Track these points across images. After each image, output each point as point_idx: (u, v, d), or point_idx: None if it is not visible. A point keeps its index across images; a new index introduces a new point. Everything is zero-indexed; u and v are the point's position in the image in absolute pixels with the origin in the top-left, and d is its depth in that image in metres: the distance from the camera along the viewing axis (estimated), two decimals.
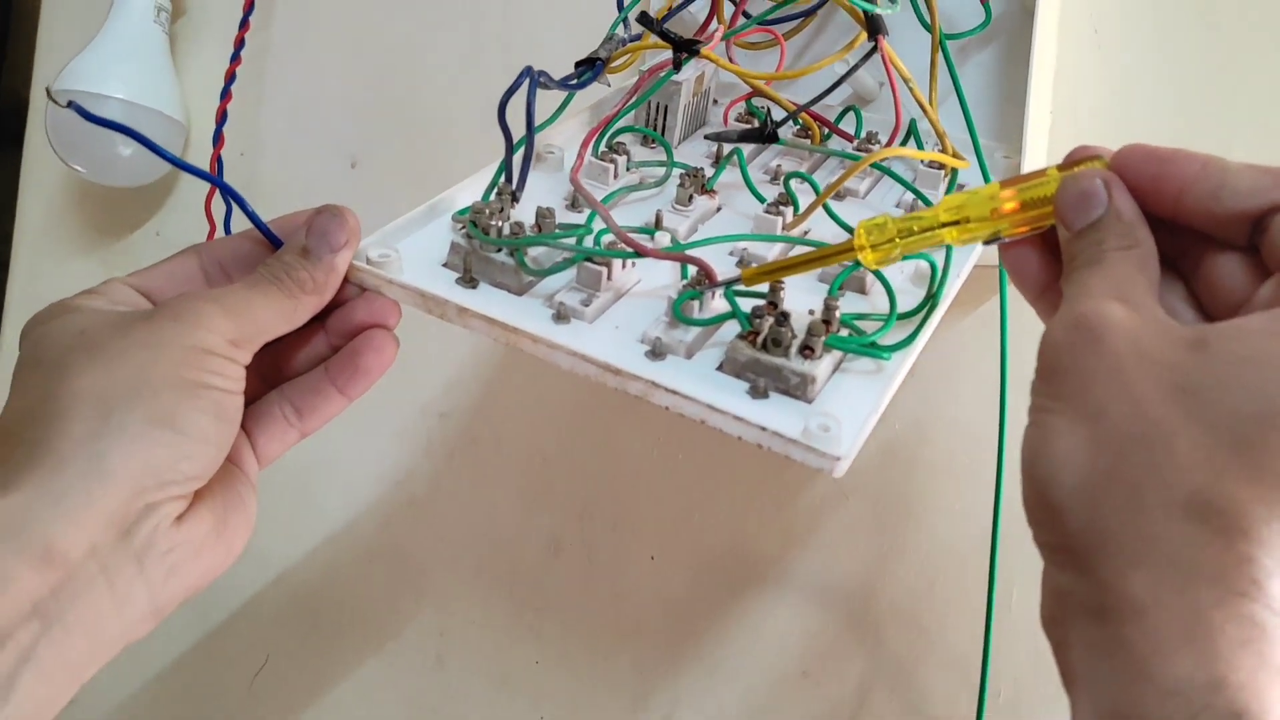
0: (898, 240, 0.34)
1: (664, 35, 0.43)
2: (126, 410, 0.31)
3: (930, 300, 0.38)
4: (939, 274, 0.38)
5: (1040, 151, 0.49)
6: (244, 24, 0.72)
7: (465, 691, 0.61)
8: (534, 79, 0.40)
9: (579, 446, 0.58)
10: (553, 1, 0.63)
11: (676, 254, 0.38)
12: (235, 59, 0.71)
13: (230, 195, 0.39)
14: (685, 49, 0.43)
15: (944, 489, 0.50)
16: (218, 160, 0.70)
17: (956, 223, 0.33)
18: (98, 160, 0.72)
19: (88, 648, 0.31)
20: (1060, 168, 0.32)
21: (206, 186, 0.71)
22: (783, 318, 0.35)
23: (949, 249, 0.40)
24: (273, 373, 0.39)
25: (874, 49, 0.43)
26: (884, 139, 0.48)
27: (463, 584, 0.61)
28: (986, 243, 0.34)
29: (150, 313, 0.34)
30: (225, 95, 0.70)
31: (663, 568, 0.56)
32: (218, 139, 0.70)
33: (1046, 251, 0.33)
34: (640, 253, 0.37)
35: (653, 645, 0.56)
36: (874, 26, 0.42)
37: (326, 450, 0.67)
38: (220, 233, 0.67)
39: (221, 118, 0.70)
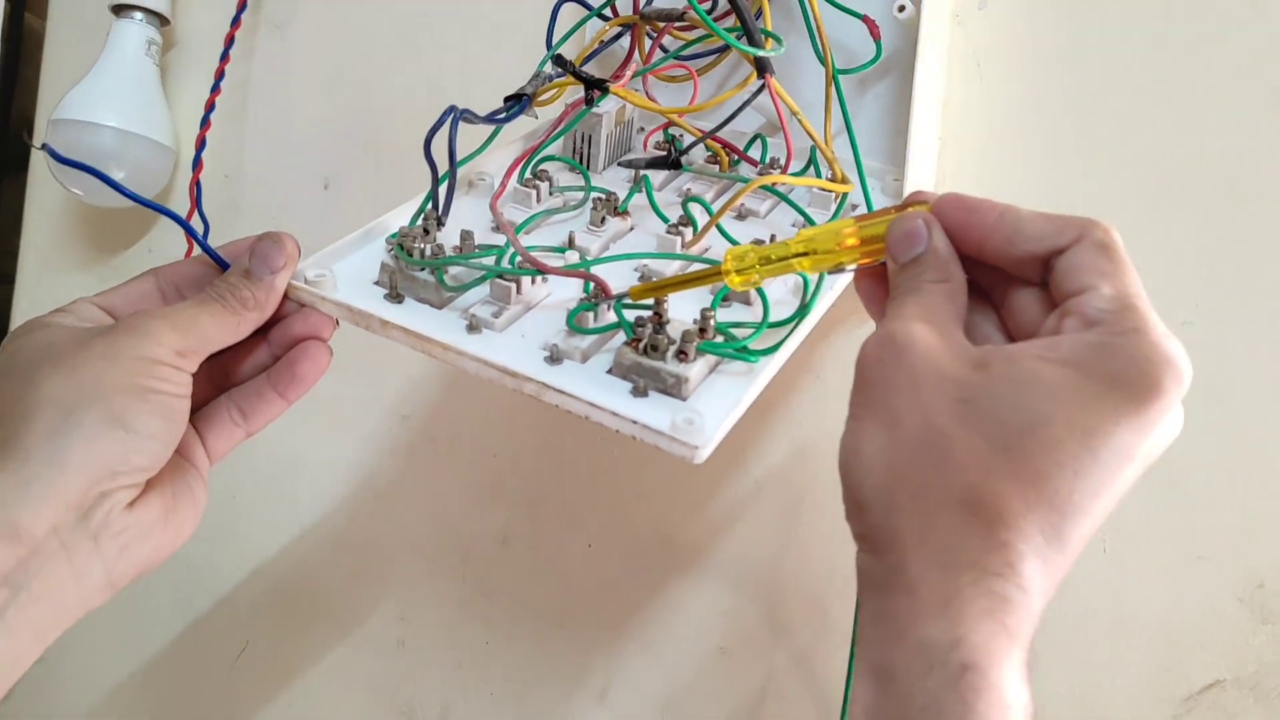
0: (758, 267, 0.39)
1: (576, 75, 0.48)
2: (84, 411, 0.36)
3: (801, 311, 0.43)
4: (810, 288, 0.43)
5: (929, 174, 0.54)
6: (224, 57, 0.78)
7: (423, 672, 0.66)
8: (455, 118, 0.46)
9: (525, 446, 0.64)
10: (506, 38, 0.68)
11: (575, 271, 0.43)
12: (215, 89, 0.77)
13: (181, 223, 0.45)
14: (596, 87, 0.49)
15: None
16: (197, 184, 0.76)
17: (807, 254, 0.38)
18: (92, 184, 0.78)
19: (51, 613, 0.36)
20: (897, 209, 0.37)
21: (190, 208, 0.77)
22: (659, 326, 0.40)
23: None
24: (222, 379, 0.45)
25: (763, 86, 0.48)
26: (791, 165, 0.53)
27: (421, 572, 0.66)
28: (832, 271, 0.39)
29: (108, 328, 0.39)
30: (205, 123, 0.76)
31: (599, 555, 0.61)
32: (197, 163, 0.76)
33: (886, 283, 0.38)
34: (542, 270, 0.42)
35: (590, 626, 0.61)
36: (761, 66, 0.47)
37: (300, 449, 0.72)
38: (196, 252, 0.73)
39: (201, 144, 0.75)
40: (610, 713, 0.59)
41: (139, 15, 0.78)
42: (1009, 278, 0.36)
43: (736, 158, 0.54)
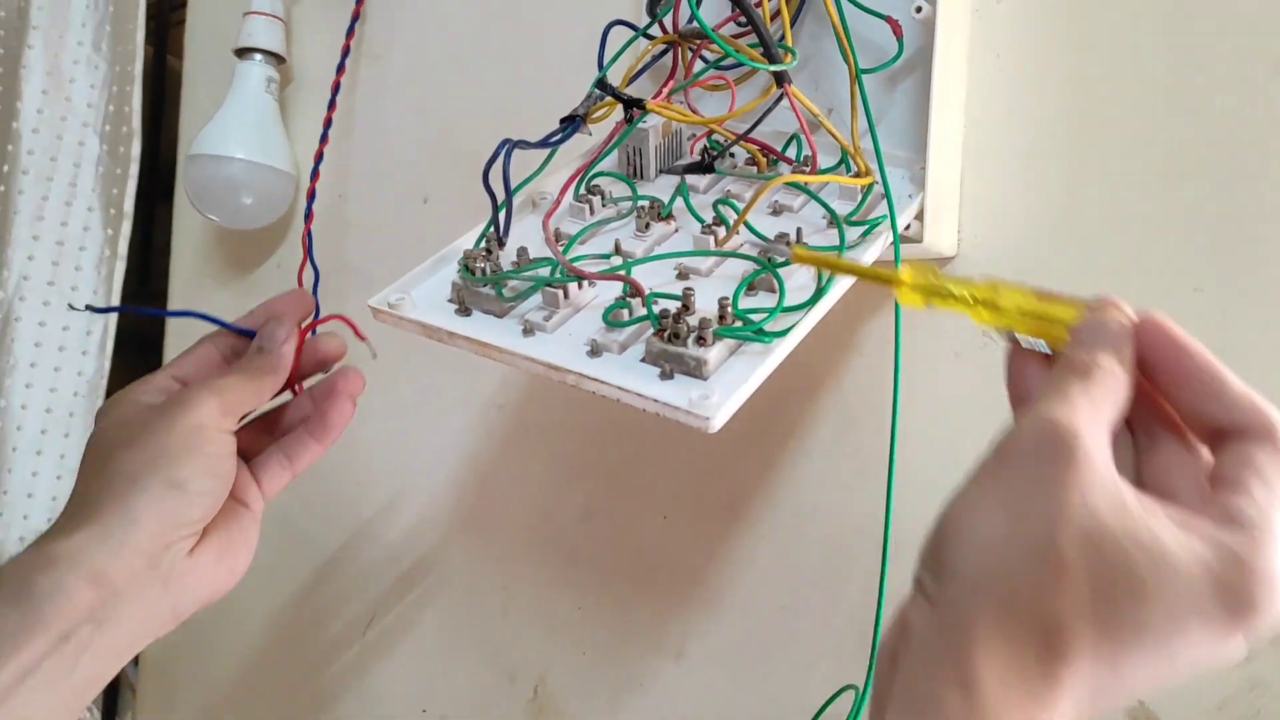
0: (933, 295, 0.38)
1: (616, 96, 0.54)
2: (148, 478, 0.46)
3: (814, 297, 0.48)
4: (824, 277, 0.48)
5: (954, 161, 0.58)
6: (332, 104, 0.86)
7: (524, 635, 0.73)
8: (509, 151, 0.52)
9: (604, 429, 0.70)
10: (571, 59, 0.74)
11: (612, 274, 0.49)
12: (331, 107, 0.85)
13: (203, 317, 0.55)
14: (634, 106, 0.54)
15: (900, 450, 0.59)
16: (308, 234, 0.84)
17: (984, 303, 0.37)
18: (226, 209, 0.88)
19: (127, 641, 0.46)
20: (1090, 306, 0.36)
21: (318, 228, 0.86)
22: (678, 317, 0.45)
23: (840, 252, 0.50)
24: (272, 428, 0.56)
25: (782, 95, 0.52)
26: (825, 161, 0.58)
27: (519, 546, 0.74)
28: (1000, 331, 0.38)
29: (165, 404, 0.49)
30: (319, 157, 0.85)
31: (671, 526, 0.67)
32: (309, 214, 0.84)
33: (1045, 367, 0.37)
34: (582, 276, 0.48)
35: (666, 590, 0.67)
36: (779, 78, 0.52)
37: (414, 440, 0.80)
38: (309, 277, 0.82)
39: (315, 171, 0.84)
40: (685, 668, 0.65)
41: (259, 57, 0.87)
42: (1162, 414, 0.36)
43: (774, 157, 0.59)
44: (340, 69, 0.87)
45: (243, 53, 0.87)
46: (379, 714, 0.81)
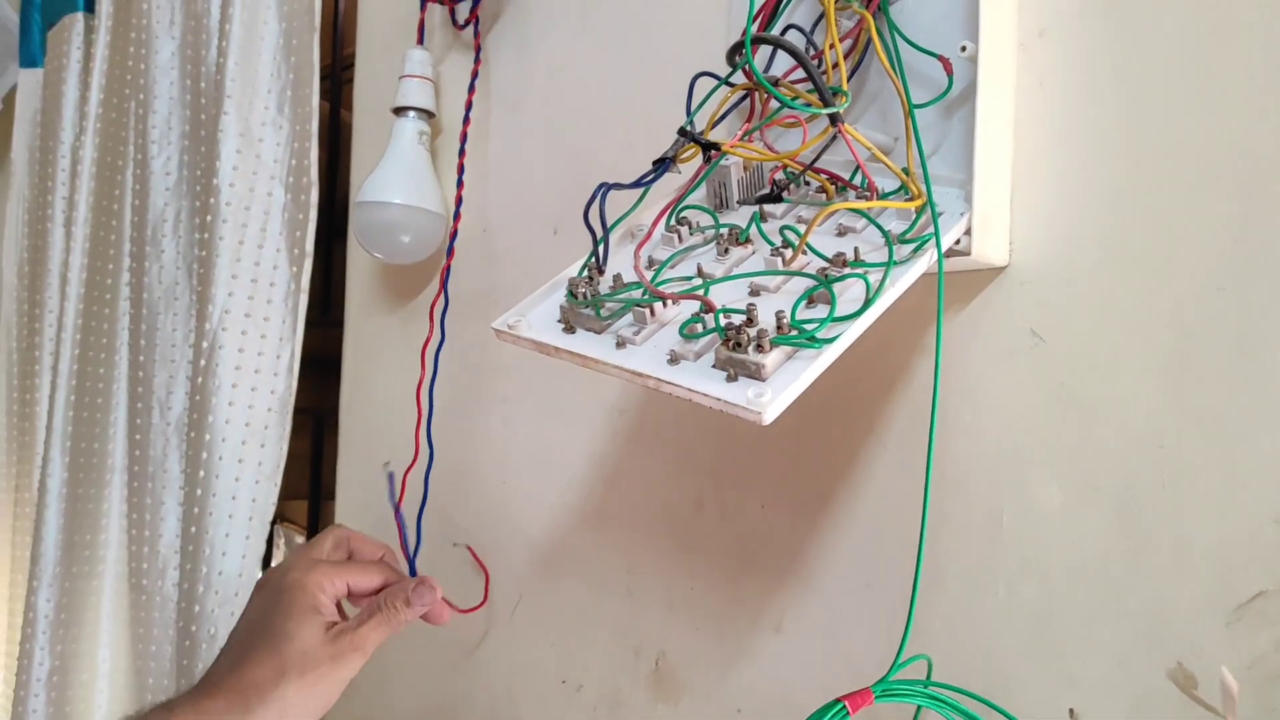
0: None
1: (695, 140, 0.63)
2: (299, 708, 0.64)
3: (862, 308, 0.55)
4: (870, 291, 0.56)
5: (1003, 182, 0.64)
6: (462, 151, 0.98)
7: (647, 614, 0.83)
8: (604, 193, 0.62)
9: (710, 430, 0.79)
10: (677, 102, 0.83)
11: (689, 294, 0.58)
12: (461, 155, 0.98)
13: (403, 532, 0.77)
14: (712, 148, 0.63)
15: (946, 444, 0.66)
16: (454, 233, 0.96)
17: None
18: (388, 248, 1.01)
19: None
20: None
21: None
22: (741, 328, 0.53)
23: (885, 274, 0.57)
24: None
25: (836, 133, 0.60)
26: (885, 187, 0.65)
27: (640, 533, 0.83)
28: None
29: (334, 652, 0.65)
30: (459, 200, 0.97)
31: (770, 514, 0.75)
32: (447, 279, 0.96)
33: None
34: (662, 297, 0.57)
35: (766, 571, 0.75)
36: (832, 119, 0.60)
37: (550, 441, 0.91)
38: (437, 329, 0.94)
39: (457, 209, 0.96)
40: (785, 641, 0.73)
41: (412, 113, 1.01)
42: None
43: (842, 185, 0.67)
44: (466, 120, 0.99)
45: (399, 110, 1.00)
46: (525, 683, 0.92)
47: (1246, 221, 0.55)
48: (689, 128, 0.64)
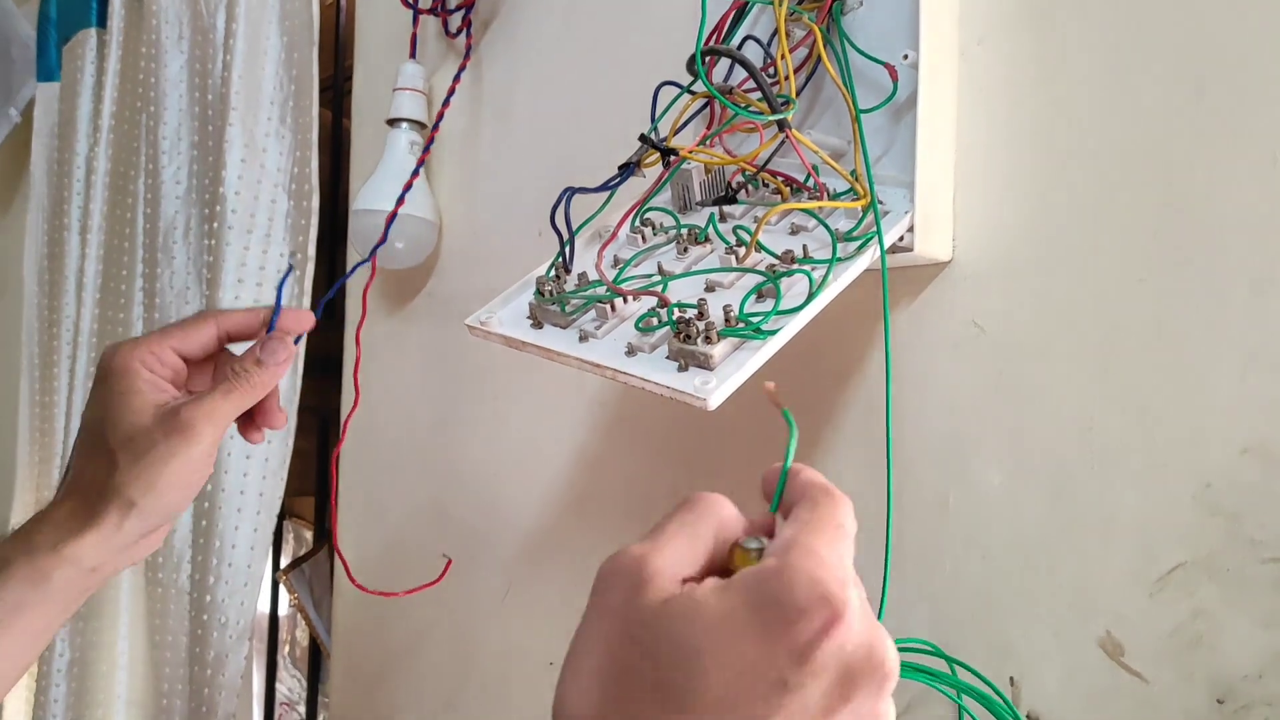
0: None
1: (655, 146, 0.67)
2: (146, 502, 0.57)
3: (805, 301, 0.59)
4: (814, 285, 0.60)
5: (946, 181, 0.68)
6: (423, 153, 1.03)
7: None
8: (569, 196, 0.66)
9: (681, 421, 0.83)
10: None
11: (646, 290, 0.62)
12: (420, 158, 1.02)
13: (278, 304, 0.63)
14: (671, 154, 0.67)
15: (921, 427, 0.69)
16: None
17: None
18: (384, 252, 1.05)
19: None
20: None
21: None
22: (691, 321, 0.57)
23: (828, 269, 0.61)
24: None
25: (784, 139, 0.64)
26: (836, 187, 0.69)
27: (620, 520, 0.87)
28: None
29: (169, 427, 0.57)
30: (411, 178, 1.01)
31: (738, 500, 0.79)
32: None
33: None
34: (621, 294, 0.61)
35: None
36: (780, 125, 0.64)
37: (536, 434, 0.95)
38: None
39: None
40: None
41: (405, 124, 1.05)
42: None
43: (796, 186, 0.71)
44: (434, 128, 1.04)
45: (393, 122, 1.05)
46: (516, 667, 0.96)
47: (1163, 216, 0.59)
48: (651, 134, 0.68)
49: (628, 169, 0.69)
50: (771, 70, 0.71)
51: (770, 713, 0.32)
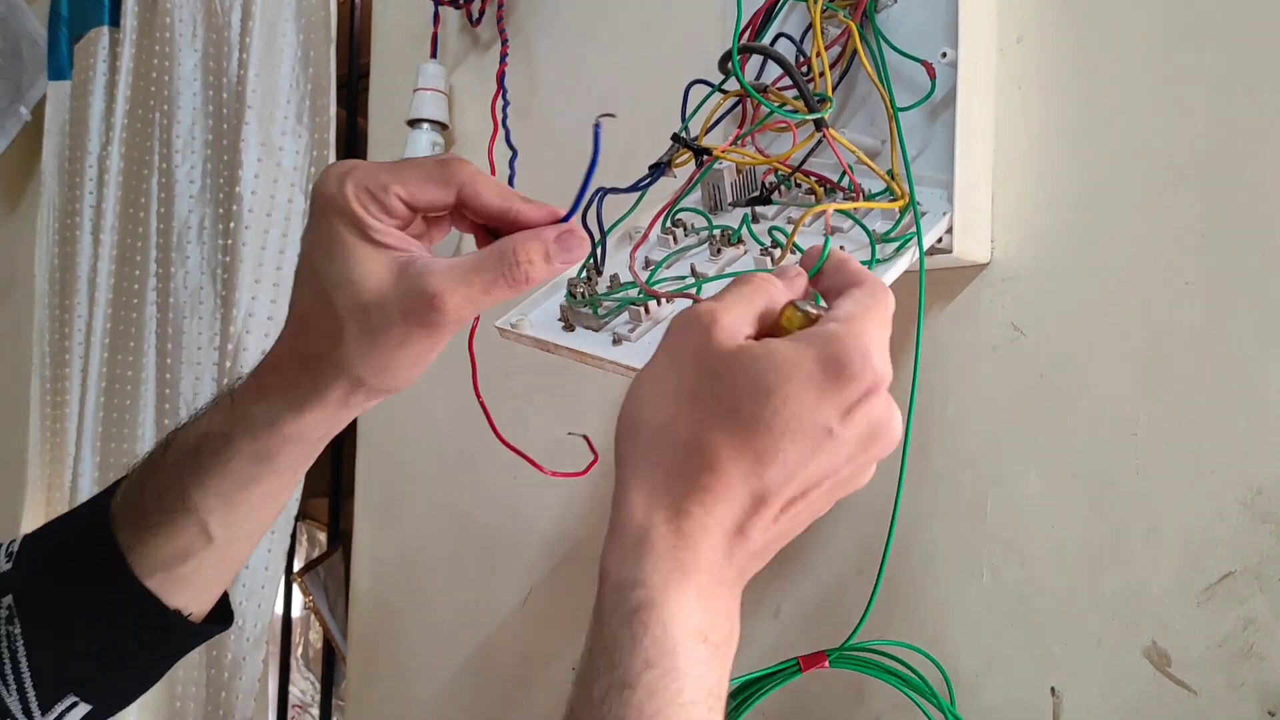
0: None
1: (688, 146, 0.66)
2: (372, 379, 0.47)
3: None
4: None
5: (984, 182, 0.67)
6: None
7: None
8: (601, 196, 0.65)
9: None
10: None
11: (678, 293, 0.61)
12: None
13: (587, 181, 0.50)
14: (704, 153, 0.66)
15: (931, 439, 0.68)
16: None
17: None
18: None
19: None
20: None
21: None
22: None
23: (870, 266, 0.60)
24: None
25: (821, 138, 0.63)
26: (874, 188, 0.68)
27: None
28: None
29: (406, 293, 0.44)
30: None
31: None
32: None
33: None
34: (654, 295, 0.60)
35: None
36: (818, 124, 0.63)
37: (558, 438, 0.94)
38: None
39: None
40: (783, 626, 0.76)
41: (426, 125, 1.04)
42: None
43: (830, 187, 0.69)
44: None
45: (413, 122, 1.04)
46: (537, 672, 0.95)
47: (1212, 218, 0.58)
48: (683, 134, 0.67)
49: (658, 169, 0.68)
50: (805, 69, 0.70)
51: (815, 452, 0.38)
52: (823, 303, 0.45)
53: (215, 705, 1.16)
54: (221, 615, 0.57)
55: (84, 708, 0.53)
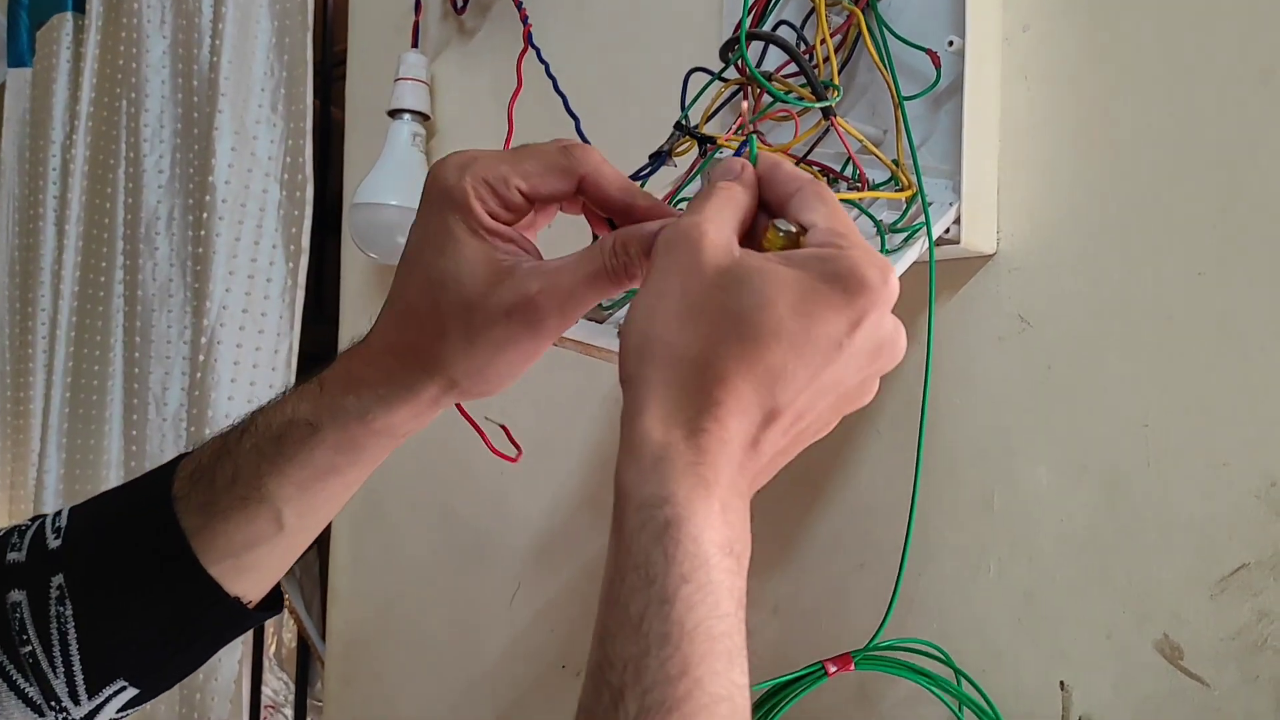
0: None
1: (691, 134, 0.65)
2: (465, 382, 0.48)
3: None
4: None
5: (990, 171, 0.66)
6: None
7: None
8: (740, 150, 0.63)
9: None
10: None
11: None
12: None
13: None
14: (707, 142, 0.65)
15: (939, 436, 0.68)
16: None
17: None
18: (384, 248, 1.01)
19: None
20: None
21: None
22: None
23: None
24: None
25: (829, 127, 0.62)
26: (878, 177, 0.67)
27: None
28: None
29: (511, 302, 0.45)
30: None
31: (761, 497, 0.76)
32: None
33: None
34: None
35: (760, 554, 0.76)
36: (825, 112, 0.62)
37: (548, 433, 0.93)
38: None
39: None
40: (782, 622, 0.75)
41: (407, 116, 1.01)
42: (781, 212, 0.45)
43: (834, 176, 0.68)
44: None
45: (394, 113, 1.01)
46: (525, 668, 0.94)
47: (1226, 206, 0.57)
48: (684, 122, 0.66)
49: (659, 157, 0.67)
50: (809, 56, 0.69)
51: (827, 364, 0.39)
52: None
53: (189, 707, 1.14)
54: (274, 601, 0.56)
55: (131, 691, 0.52)
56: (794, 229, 0.43)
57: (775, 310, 0.38)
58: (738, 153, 0.48)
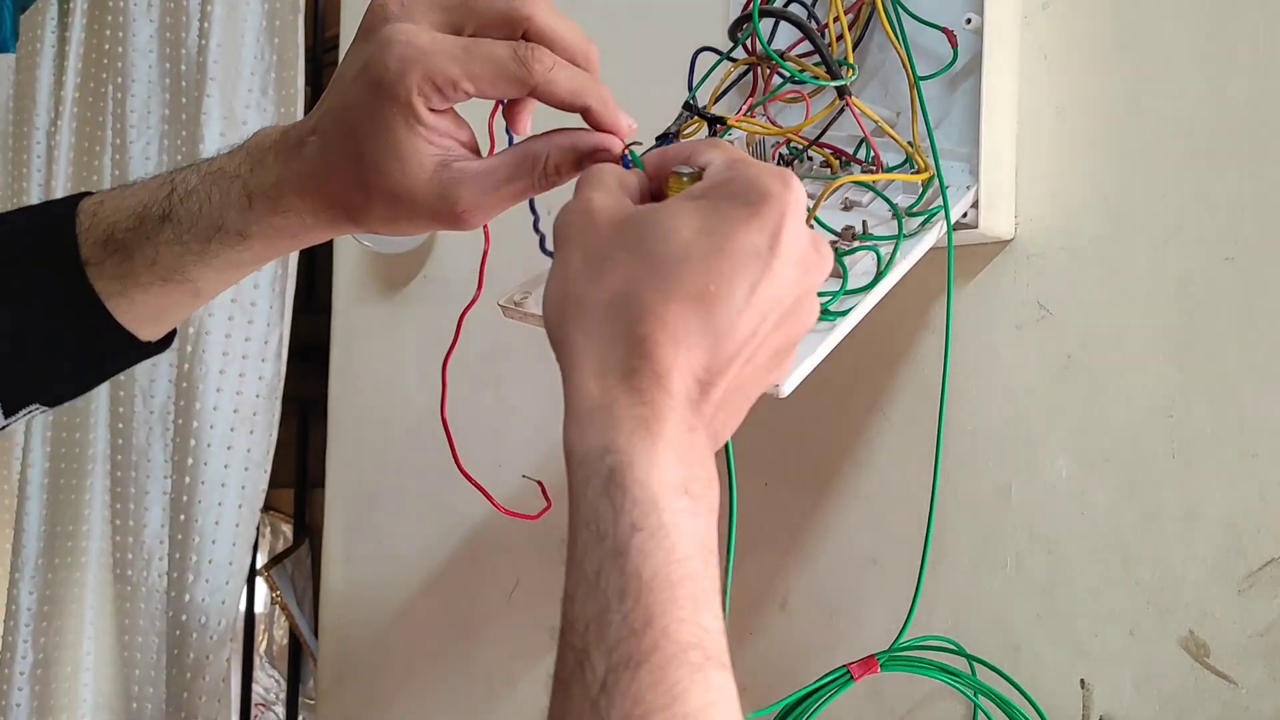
0: None
1: (700, 114, 0.63)
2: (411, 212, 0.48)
3: (875, 280, 0.55)
4: (882, 263, 0.56)
5: (1008, 155, 0.64)
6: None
7: None
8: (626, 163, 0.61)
9: None
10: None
11: None
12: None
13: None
14: (717, 122, 0.62)
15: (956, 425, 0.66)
16: None
17: None
18: (376, 237, 1.00)
19: None
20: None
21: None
22: None
23: (895, 246, 0.57)
24: None
25: (844, 107, 0.60)
26: (893, 159, 0.65)
27: None
28: None
29: (420, 208, 0.47)
30: None
31: (773, 491, 0.75)
32: None
33: None
34: None
35: (770, 549, 0.75)
36: (840, 91, 0.60)
37: (547, 427, 0.91)
38: None
39: None
40: (791, 618, 0.73)
41: None
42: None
43: (846, 159, 0.66)
44: None
45: None
46: (523, 666, 0.92)
47: (1253, 191, 0.56)
48: (692, 102, 0.64)
49: (666, 139, 0.64)
50: (821, 35, 0.67)
51: (758, 280, 0.37)
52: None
53: (176, 707, 1.11)
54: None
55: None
56: (695, 170, 0.43)
57: (680, 236, 0.38)
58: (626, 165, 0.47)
